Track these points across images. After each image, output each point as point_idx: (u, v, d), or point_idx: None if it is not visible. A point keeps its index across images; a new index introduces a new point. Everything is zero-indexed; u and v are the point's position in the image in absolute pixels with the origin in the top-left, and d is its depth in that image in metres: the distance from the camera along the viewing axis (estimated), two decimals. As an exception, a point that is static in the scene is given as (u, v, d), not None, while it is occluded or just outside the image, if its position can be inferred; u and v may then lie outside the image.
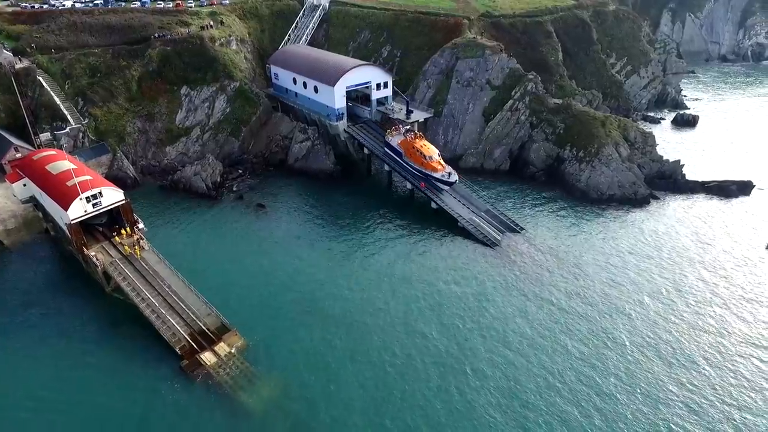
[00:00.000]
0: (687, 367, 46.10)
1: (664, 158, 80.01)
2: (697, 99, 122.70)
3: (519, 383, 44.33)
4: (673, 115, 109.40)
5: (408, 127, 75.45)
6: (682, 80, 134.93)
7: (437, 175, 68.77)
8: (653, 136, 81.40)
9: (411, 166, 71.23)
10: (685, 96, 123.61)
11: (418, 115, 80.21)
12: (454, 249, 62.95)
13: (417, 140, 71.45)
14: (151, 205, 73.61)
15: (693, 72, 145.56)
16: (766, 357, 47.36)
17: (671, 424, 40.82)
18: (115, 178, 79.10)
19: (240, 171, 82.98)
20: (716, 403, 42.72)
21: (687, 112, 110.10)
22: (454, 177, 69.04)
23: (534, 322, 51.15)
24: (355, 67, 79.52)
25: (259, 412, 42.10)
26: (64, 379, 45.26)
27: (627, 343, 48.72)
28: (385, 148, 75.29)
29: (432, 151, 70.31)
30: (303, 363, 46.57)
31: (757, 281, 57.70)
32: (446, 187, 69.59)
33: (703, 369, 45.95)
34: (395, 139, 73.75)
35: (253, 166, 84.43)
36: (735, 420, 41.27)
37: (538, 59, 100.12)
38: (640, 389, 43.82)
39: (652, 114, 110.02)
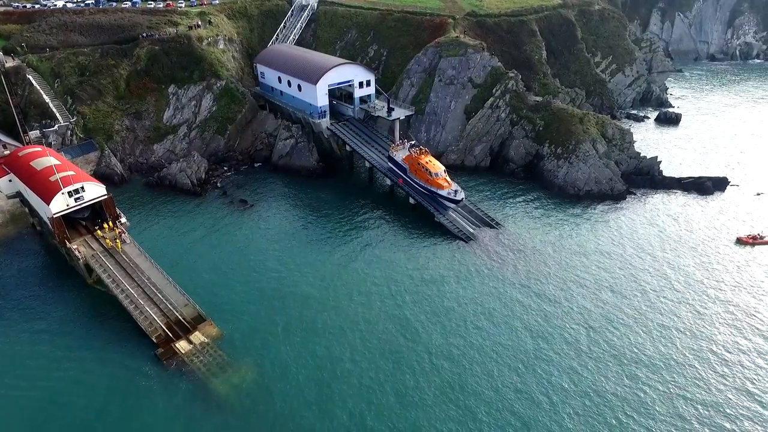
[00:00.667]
0: (637, 360, 47.17)
1: (642, 155, 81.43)
2: (682, 97, 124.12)
3: (465, 372, 45.52)
4: (657, 113, 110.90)
5: (413, 142, 73.93)
6: (670, 79, 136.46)
7: (443, 192, 66.51)
8: (631, 133, 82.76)
9: (416, 183, 69.28)
10: (670, 94, 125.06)
11: (399, 113, 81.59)
12: (430, 243, 64.34)
13: (422, 156, 69.42)
14: (137, 201, 75.19)
15: (680, 71, 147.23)
16: (716, 348, 48.66)
17: (617, 415, 41.94)
18: (102, 174, 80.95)
19: (225, 168, 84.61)
20: (660, 390, 43.87)
21: (670, 110, 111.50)
22: (461, 195, 66.75)
23: (493, 315, 52.32)
24: (337, 65, 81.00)
25: (230, 398, 43.49)
26: (43, 360, 47.08)
27: (581, 336, 49.91)
28: (389, 164, 73.26)
29: (438, 167, 68.22)
30: (275, 352, 47.97)
31: (719, 276, 58.94)
32: (452, 205, 67.46)
33: (652, 360, 47.09)
34: (399, 155, 71.63)
35: (239, 163, 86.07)
36: (680, 411, 42.58)
37: (522, 58, 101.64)
38: (589, 383, 44.72)
39: (635, 112, 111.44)
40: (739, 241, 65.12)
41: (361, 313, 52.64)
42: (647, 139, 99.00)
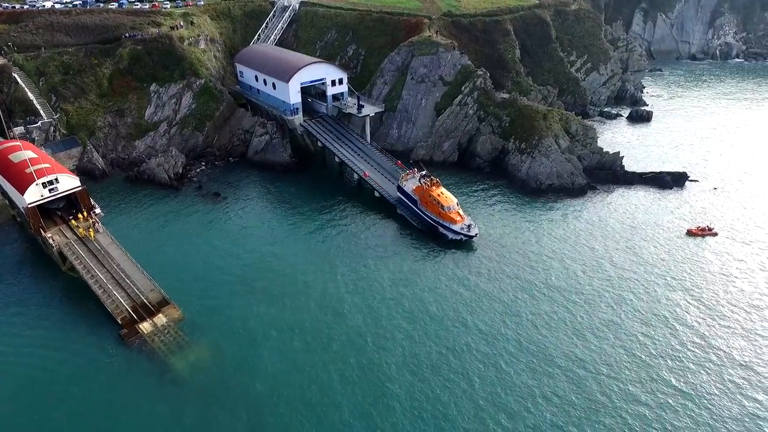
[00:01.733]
0: (578, 342, 49.76)
1: (605, 150, 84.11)
2: (657, 96, 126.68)
3: (415, 355, 48.08)
4: (629, 111, 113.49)
5: (423, 172, 69.18)
6: (647, 78, 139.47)
7: (456, 227, 63.15)
8: (594, 129, 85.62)
9: (426, 216, 65.67)
10: (646, 93, 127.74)
11: (369, 110, 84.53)
12: (390, 233, 67.32)
13: (434, 188, 65.63)
14: (116, 194, 78.38)
15: (660, 70, 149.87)
16: (653, 332, 51.39)
17: (552, 391, 44.48)
18: (84, 169, 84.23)
19: (203, 163, 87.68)
20: (599, 373, 46.44)
21: (643, 108, 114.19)
22: (475, 230, 63.70)
23: (441, 301, 55.08)
24: (309, 64, 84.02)
25: (186, 374, 46.44)
26: (15, 339, 50.30)
27: (524, 322, 52.20)
28: (398, 194, 70.03)
29: (450, 200, 64.78)
30: (232, 333, 50.88)
31: (666, 265, 61.61)
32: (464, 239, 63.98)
33: (590, 342, 49.61)
34: (409, 185, 68.50)
35: (216, 158, 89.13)
36: (614, 390, 45.21)
37: (496, 56, 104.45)
38: (526, 363, 47.27)
39: (608, 109, 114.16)
40: (689, 233, 67.77)
41: (319, 300, 55.39)
42: (617, 135, 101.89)
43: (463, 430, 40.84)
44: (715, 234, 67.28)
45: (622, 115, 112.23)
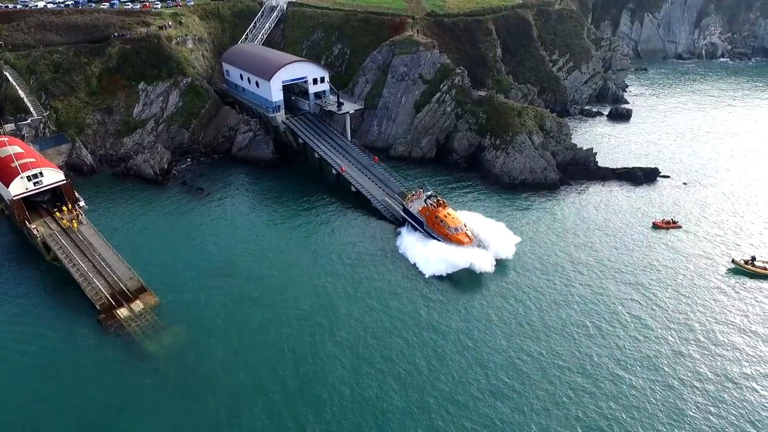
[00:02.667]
0: (531, 335, 51.49)
1: (578, 146, 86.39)
2: (640, 94, 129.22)
3: (370, 342, 50.17)
4: (609, 109, 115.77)
5: (429, 192, 67.21)
6: (633, 77, 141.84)
7: (464, 249, 61.20)
8: (568, 126, 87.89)
9: (433, 237, 63.57)
10: (629, 91, 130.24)
11: (349, 107, 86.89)
12: (366, 226, 69.68)
13: (440, 209, 63.65)
14: (103, 189, 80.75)
15: (645, 69, 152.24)
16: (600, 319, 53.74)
17: (495, 381, 46.24)
18: (73, 165, 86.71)
19: (188, 159, 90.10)
20: (553, 366, 48.04)
21: (623, 106, 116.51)
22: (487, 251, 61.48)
23: (399, 290, 57.11)
24: (290, 63, 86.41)
25: (159, 355, 48.86)
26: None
27: (476, 315, 54.07)
28: (404, 215, 68.28)
29: (458, 221, 62.81)
30: (205, 318, 53.21)
31: (630, 255, 63.83)
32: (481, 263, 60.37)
33: (542, 334, 51.43)
34: (415, 206, 66.85)
35: (201, 155, 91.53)
36: (567, 382, 47.52)
37: (477, 55, 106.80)
38: (475, 355, 48.99)
39: (589, 107, 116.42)
40: (655, 226, 70.03)
41: (295, 289, 57.57)
42: (596, 133, 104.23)
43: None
44: (680, 227, 69.54)
45: (602, 113, 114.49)
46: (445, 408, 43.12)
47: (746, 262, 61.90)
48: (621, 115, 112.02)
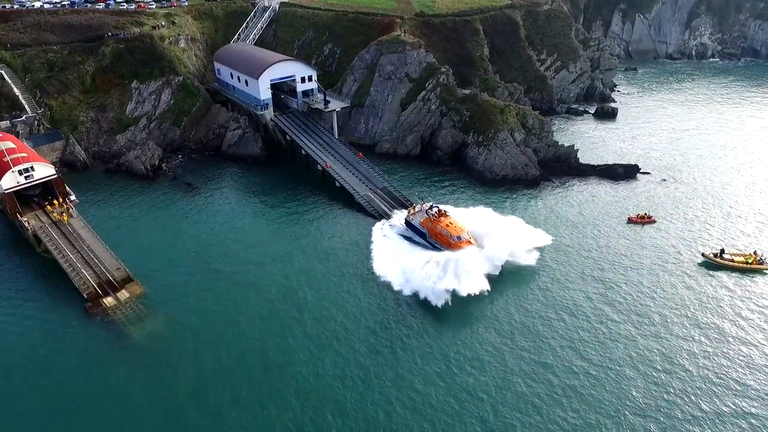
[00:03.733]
0: (493, 323, 53.36)
1: (560, 143, 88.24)
2: (628, 94, 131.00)
3: (337, 330, 52.16)
4: (596, 107, 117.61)
5: (431, 203, 67.56)
6: (622, 76, 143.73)
7: None
8: (549, 123, 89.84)
9: (437, 248, 63.02)
10: (617, 91, 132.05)
11: (335, 105, 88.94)
12: (348, 219, 71.70)
13: (442, 219, 63.72)
14: (95, 184, 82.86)
15: (635, 69, 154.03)
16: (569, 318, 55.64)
17: (457, 372, 47.92)
18: (67, 161, 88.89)
19: (179, 156, 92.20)
20: (519, 357, 49.57)
21: (610, 105, 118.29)
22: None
23: (367, 283, 58.88)
24: (278, 62, 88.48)
25: (142, 341, 50.89)
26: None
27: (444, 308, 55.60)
28: (408, 229, 67.63)
29: (460, 229, 62.34)
30: (188, 307, 55.12)
31: (603, 248, 65.61)
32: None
33: (506, 325, 53.01)
34: (417, 219, 66.47)
35: (192, 151, 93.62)
36: (519, 366, 49.44)
37: (465, 55, 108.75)
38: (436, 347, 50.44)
39: (576, 106, 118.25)
40: (629, 221, 71.83)
41: (278, 279, 59.56)
42: (582, 131, 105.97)
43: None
44: (654, 221, 71.36)
45: (589, 112, 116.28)
46: (408, 395, 44.93)
47: (715, 255, 63.64)
48: (607, 114, 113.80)
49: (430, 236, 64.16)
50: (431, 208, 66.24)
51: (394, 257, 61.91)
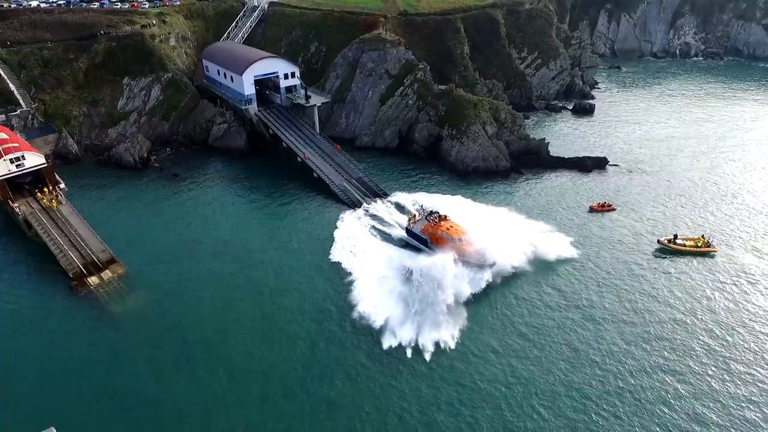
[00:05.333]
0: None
1: (531, 137, 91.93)
2: (608, 90, 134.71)
3: (304, 307, 55.51)
4: (574, 103, 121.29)
5: (430, 209, 68.07)
6: (604, 74, 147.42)
7: (470, 259, 60.30)
8: (521, 117, 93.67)
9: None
10: (598, 88, 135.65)
11: (316, 100, 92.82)
12: (323, 208, 75.34)
13: (442, 223, 63.49)
14: (86, 175, 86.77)
15: (618, 67, 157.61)
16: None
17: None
18: (60, 153, 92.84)
19: (168, 149, 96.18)
20: (478, 341, 52.53)
21: (588, 101, 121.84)
22: (492, 258, 60.16)
23: (325, 267, 62.29)
24: (261, 58, 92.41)
25: (123, 315, 54.74)
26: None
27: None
28: (408, 237, 66.95)
29: (461, 231, 61.93)
30: (167, 286, 58.75)
31: (562, 234, 69.03)
32: (485, 270, 59.35)
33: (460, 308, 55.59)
34: (417, 226, 65.83)
35: (180, 145, 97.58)
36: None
37: (445, 52, 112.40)
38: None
39: (556, 102, 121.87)
40: (591, 210, 75.39)
41: (247, 262, 63.17)
42: (558, 126, 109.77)
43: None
44: (613, 209, 74.95)
45: (567, 108, 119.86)
46: (360, 363, 48.43)
47: (669, 241, 67.08)
48: (585, 110, 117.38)
49: (432, 242, 63.06)
50: (431, 213, 65.89)
51: (355, 242, 65.85)
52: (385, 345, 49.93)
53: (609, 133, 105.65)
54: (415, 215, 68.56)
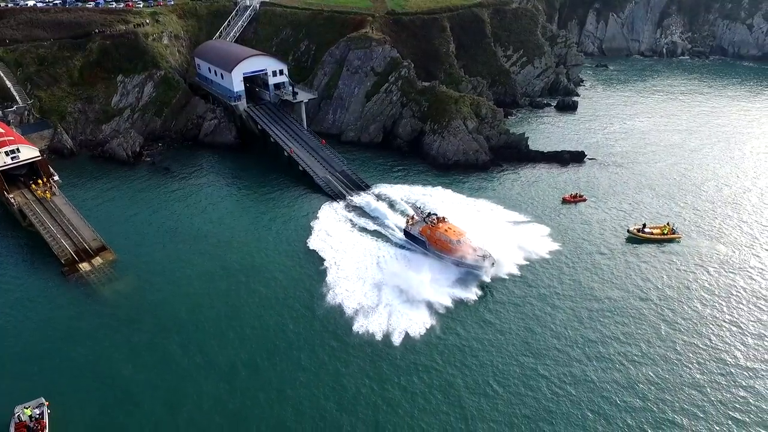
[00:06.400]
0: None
1: (512, 131, 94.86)
2: (593, 88, 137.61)
3: (277, 292, 58.34)
4: (558, 100, 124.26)
5: (428, 211, 68.01)
6: (590, 72, 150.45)
7: (469, 261, 60.01)
8: (501, 112, 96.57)
9: (437, 255, 62.84)
10: (583, 85, 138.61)
11: (303, 96, 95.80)
12: (306, 199, 78.30)
13: (440, 225, 63.37)
14: (79, 168, 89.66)
15: (605, 66, 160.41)
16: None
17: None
18: (55, 148, 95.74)
19: (160, 144, 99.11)
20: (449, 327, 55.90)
21: (573, 98, 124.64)
22: (492, 260, 59.75)
23: (302, 254, 65.29)
24: (250, 56, 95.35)
25: (111, 298, 57.68)
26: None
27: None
28: (406, 239, 67.00)
29: (459, 233, 61.73)
30: (155, 272, 61.66)
31: (537, 223, 72.06)
32: (482, 272, 59.65)
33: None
34: (416, 228, 65.72)
35: (172, 140, 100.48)
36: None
37: (431, 50, 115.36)
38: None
39: (540, 99, 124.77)
40: (564, 201, 78.33)
41: (234, 249, 66.26)
42: (540, 121, 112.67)
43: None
44: (584, 200, 77.92)
45: (551, 105, 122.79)
46: (328, 344, 51.39)
47: (638, 230, 70.06)
48: (568, 106, 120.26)
49: (430, 244, 63.23)
50: (429, 215, 65.81)
51: (333, 232, 69.01)
52: (354, 329, 52.72)
53: (590, 128, 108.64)
54: (413, 217, 68.49)
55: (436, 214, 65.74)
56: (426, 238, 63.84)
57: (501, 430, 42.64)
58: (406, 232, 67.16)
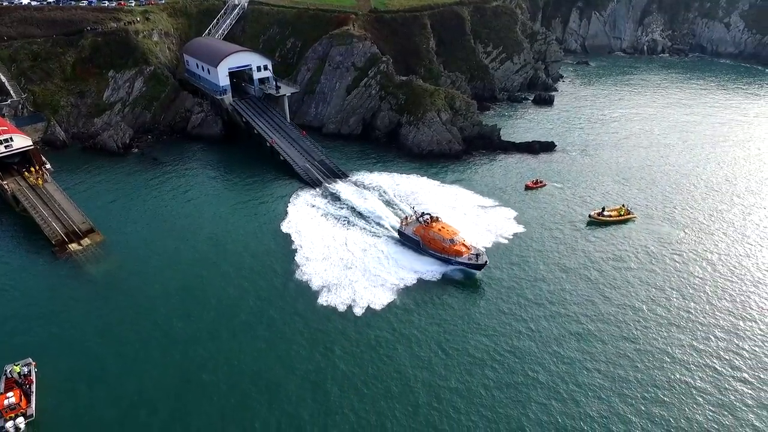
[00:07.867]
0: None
1: (484, 123, 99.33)
2: (572, 83, 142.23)
3: (246, 275, 61.96)
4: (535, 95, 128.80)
5: (422, 211, 68.76)
6: (570, 68, 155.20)
7: (462, 259, 61.49)
8: (474, 104, 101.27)
9: (432, 254, 63.88)
10: (562, 81, 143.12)
11: (286, 90, 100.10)
12: (285, 187, 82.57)
13: (434, 224, 64.79)
14: (71, 159, 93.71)
15: (586, 62, 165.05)
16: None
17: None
18: (48, 141, 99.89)
19: (149, 136, 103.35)
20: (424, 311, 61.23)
21: (550, 93, 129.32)
22: (484, 258, 61.38)
23: (277, 237, 69.12)
24: (235, 52, 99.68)
25: (97, 275, 61.95)
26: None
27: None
28: (401, 239, 67.76)
29: (452, 232, 63.31)
30: (138, 251, 65.94)
31: (502, 208, 76.36)
32: (477, 271, 61.47)
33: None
34: (410, 228, 66.81)
35: (161, 133, 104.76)
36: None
37: (412, 47, 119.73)
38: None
39: (519, 94, 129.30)
40: (526, 187, 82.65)
41: (213, 232, 70.52)
42: (517, 115, 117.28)
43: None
44: (544, 185, 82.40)
45: (528, 99, 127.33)
46: (297, 312, 55.62)
47: (598, 214, 74.43)
48: (544, 101, 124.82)
49: (424, 244, 64.48)
50: (422, 215, 66.98)
51: (308, 216, 73.38)
52: (321, 301, 57.04)
53: (564, 121, 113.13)
54: (407, 217, 69.64)
55: (430, 214, 66.97)
56: (420, 237, 65.06)
57: (449, 397, 46.40)
58: (400, 232, 68.09)
